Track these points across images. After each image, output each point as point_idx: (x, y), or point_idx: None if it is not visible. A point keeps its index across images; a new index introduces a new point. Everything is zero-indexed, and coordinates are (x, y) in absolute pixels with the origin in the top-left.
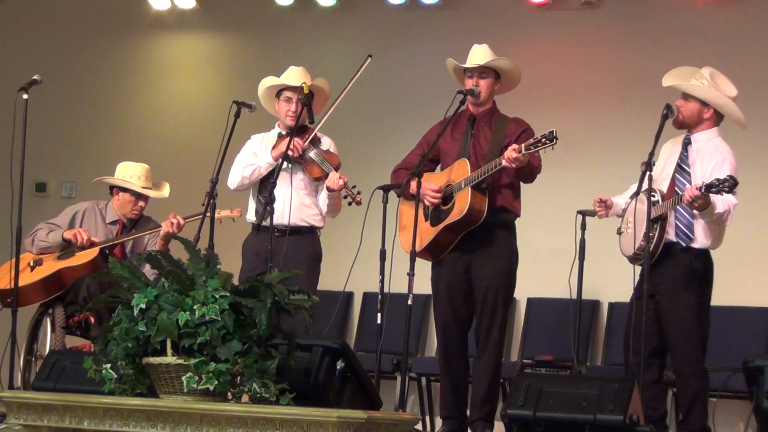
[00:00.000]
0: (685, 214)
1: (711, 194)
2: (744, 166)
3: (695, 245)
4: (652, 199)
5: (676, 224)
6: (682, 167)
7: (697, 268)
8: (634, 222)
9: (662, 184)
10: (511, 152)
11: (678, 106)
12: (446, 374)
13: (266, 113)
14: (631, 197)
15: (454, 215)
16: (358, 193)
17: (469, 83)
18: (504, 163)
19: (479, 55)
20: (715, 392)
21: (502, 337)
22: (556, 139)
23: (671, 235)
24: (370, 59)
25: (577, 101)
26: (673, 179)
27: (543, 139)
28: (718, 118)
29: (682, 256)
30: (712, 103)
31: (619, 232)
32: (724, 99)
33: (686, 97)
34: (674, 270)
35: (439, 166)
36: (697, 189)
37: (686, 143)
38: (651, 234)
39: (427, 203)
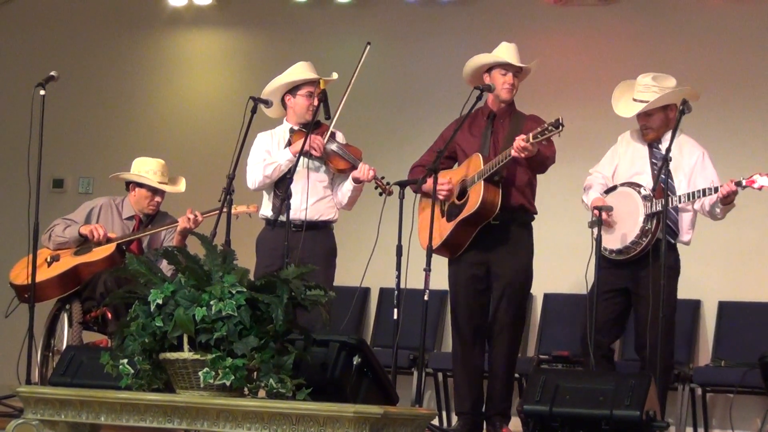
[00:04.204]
0: (671, 210)
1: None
2: (762, 163)
3: (677, 240)
4: (643, 193)
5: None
6: (658, 165)
7: (676, 264)
8: (619, 215)
9: (634, 179)
10: (519, 141)
11: (645, 125)
12: (461, 370)
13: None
14: (609, 191)
15: (468, 209)
16: (387, 183)
17: (503, 80)
18: (513, 153)
19: (515, 55)
20: (732, 388)
21: (518, 333)
22: (562, 125)
23: (658, 232)
24: (369, 47)
25: (593, 97)
26: (655, 177)
27: (549, 127)
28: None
29: (663, 251)
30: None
31: (594, 225)
32: (684, 91)
33: (647, 113)
34: (656, 265)
35: (457, 164)
36: (734, 184)
37: (651, 144)
38: (647, 228)
39: (440, 197)
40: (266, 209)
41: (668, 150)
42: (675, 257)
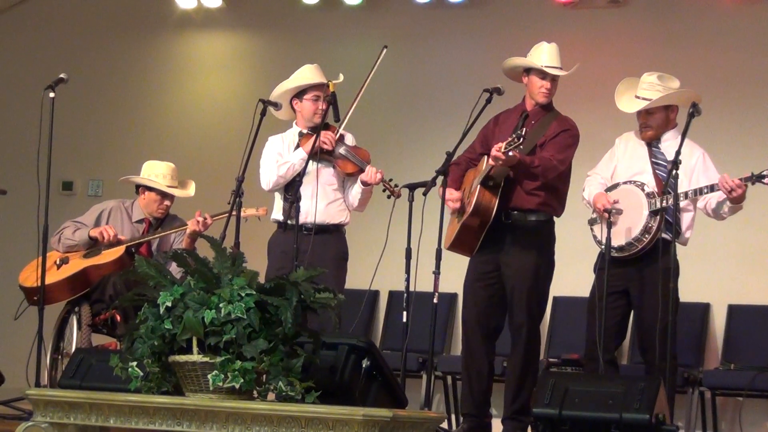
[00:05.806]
0: (671, 208)
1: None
2: None
3: (677, 239)
4: (647, 190)
5: (665, 219)
6: (659, 164)
7: (676, 263)
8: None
9: (635, 178)
10: (493, 150)
11: (645, 123)
12: (466, 371)
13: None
14: (610, 189)
15: (465, 212)
16: (396, 186)
17: (540, 84)
18: (490, 161)
19: (556, 57)
20: (741, 391)
21: (530, 336)
22: (524, 138)
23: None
24: (385, 50)
25: (603, 99)
26: (656, 176)
27: (514, 138)
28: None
29: (664, 251)
30: (684, 103)
31: (595, 222)
32: (687, 92)
33: (648, 111)
34: (656, 264)
35: None
36: (740, 180)
37: (650, 143)
38: (650, 226)
39: (450, 206)
40: (277, 212)
41: (678, 152)
42: (672, 256)
